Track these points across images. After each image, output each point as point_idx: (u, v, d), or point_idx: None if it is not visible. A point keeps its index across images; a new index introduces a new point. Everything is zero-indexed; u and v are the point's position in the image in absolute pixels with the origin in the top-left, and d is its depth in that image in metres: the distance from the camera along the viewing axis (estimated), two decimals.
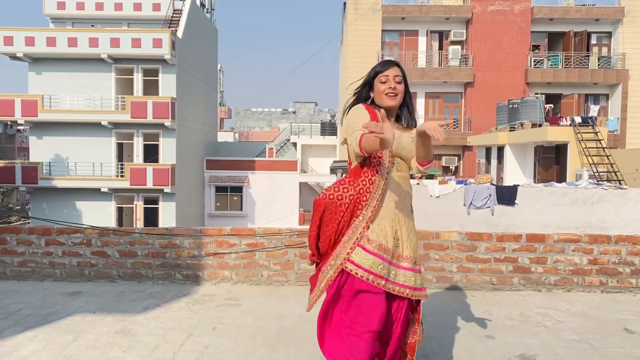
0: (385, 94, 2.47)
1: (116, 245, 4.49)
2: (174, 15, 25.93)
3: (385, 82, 2.48)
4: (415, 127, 2.50)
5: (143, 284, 4.44)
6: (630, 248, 4.44)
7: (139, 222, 23.53)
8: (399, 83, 2.48)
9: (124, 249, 4.49)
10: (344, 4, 28.07)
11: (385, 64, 2.52)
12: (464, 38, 25.62)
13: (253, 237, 4.45)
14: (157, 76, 23.88)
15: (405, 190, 2.50)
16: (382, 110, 2.13)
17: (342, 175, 2.51)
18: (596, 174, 15.68)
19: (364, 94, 2.56)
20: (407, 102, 2.55)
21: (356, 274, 2.32)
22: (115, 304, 3.90)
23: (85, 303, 3.90)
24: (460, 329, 3.46)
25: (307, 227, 3.17)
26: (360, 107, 2.47)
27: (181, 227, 4.60)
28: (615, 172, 16.12)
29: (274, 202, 28.05)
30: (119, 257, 4.49)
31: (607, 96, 25.84)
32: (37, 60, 23.59)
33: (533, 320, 3.67)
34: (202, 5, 30.50)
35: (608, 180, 15.39)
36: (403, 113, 2.56)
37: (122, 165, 23.74)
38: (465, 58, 25.60)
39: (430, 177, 16.40)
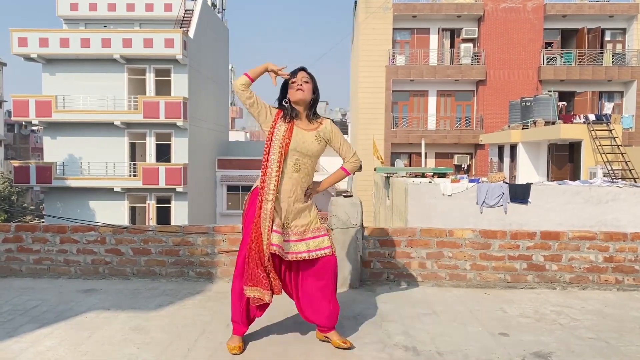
0: (295, 90, 3.07)
1: (130, 243, 4.52)
2: (186, 15, 26.10)
3: (294, 83, 3.10)
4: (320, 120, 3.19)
5: (157, 281, 4.47)
6: None
7: (151, 221, 23.72)
8: (305, 82, 3.08)
9: (137, 247, 4.52)
10: (355, 2, 28.02)
11: (294, 73, 3.14)
12: (476, 36, 25.43)
13: None
14: (169, 76, 24.05)
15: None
16: None
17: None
18: (610, 171, 15.52)
19: (280, 97, 3.18)
20: (315, 99, 3.14)
21: None
22: (129, 301, 3.93)
23: (100, 300, 3.93)
24: (474, 327, 3.43)
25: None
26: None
27: (194, 225, 4.61)
28: (630, 170, 15.94)
29: None
30: (132, 254, 4.52)
31: (621, 93, 25.53)
32: (50, 61, 23.86)
33: (548, 318, 3.63)
34: (213, 5, 30.62)
35: (623, 178, 15.23)
36: (312, 111, 3.16)
37: (134, 164, 23.93)
38: (477, 56, 25.42)
39: (443, 175, 16.32)
